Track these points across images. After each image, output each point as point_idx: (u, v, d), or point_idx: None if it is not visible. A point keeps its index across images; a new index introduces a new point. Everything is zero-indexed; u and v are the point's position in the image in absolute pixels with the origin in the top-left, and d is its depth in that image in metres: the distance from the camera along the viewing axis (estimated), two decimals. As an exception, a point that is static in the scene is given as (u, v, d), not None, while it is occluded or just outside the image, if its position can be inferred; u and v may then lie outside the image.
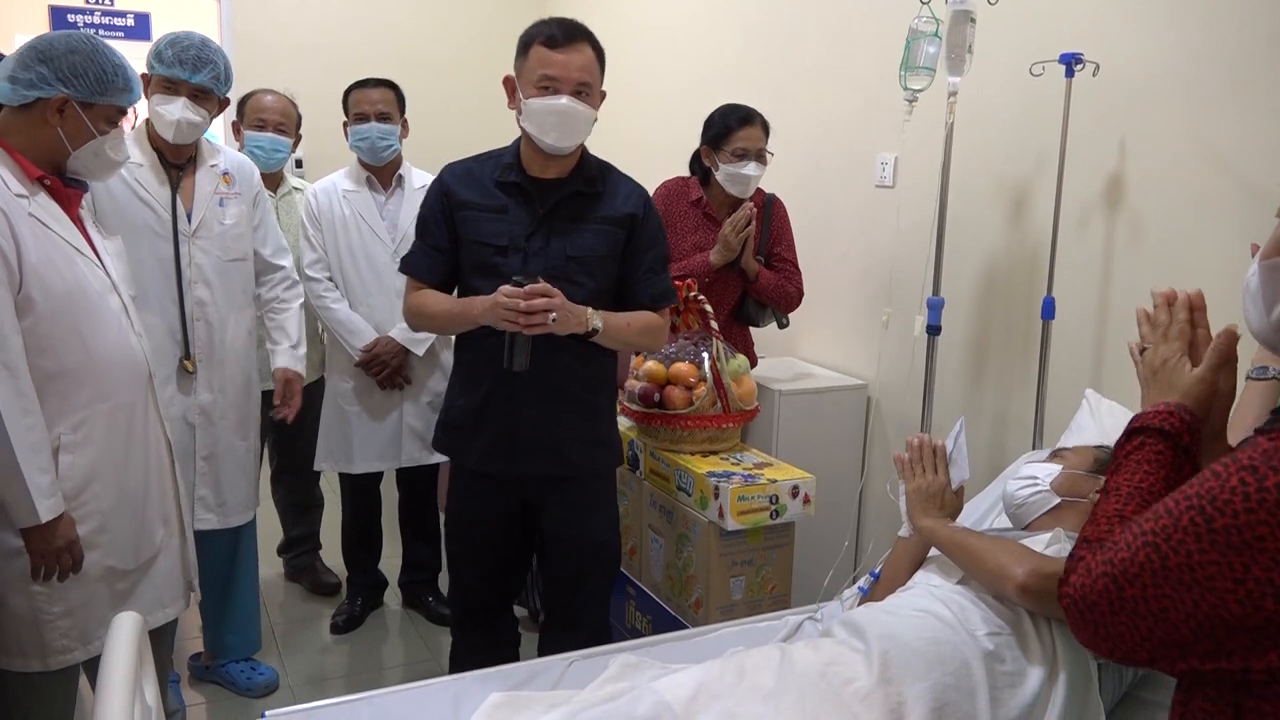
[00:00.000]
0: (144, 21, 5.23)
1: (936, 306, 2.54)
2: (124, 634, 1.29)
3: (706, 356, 2.50)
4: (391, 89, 2.89)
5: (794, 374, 3.12)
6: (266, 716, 1.60)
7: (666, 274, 2.14)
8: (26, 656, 1.82)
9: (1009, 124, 2.59)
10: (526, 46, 1.94)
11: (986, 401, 2.72)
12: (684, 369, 2.50)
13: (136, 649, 1.27)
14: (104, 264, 1.88)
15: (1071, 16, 2.40)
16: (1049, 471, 1.75)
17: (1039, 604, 1.45)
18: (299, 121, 3.10)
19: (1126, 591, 0.92)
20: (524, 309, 1.85)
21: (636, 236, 2.05)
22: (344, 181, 2.89)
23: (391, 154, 2.87)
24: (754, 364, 2.88)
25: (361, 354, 2.81)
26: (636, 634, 2.54)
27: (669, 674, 1.52)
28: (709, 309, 2.53)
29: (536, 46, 1.92)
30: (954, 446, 1.78)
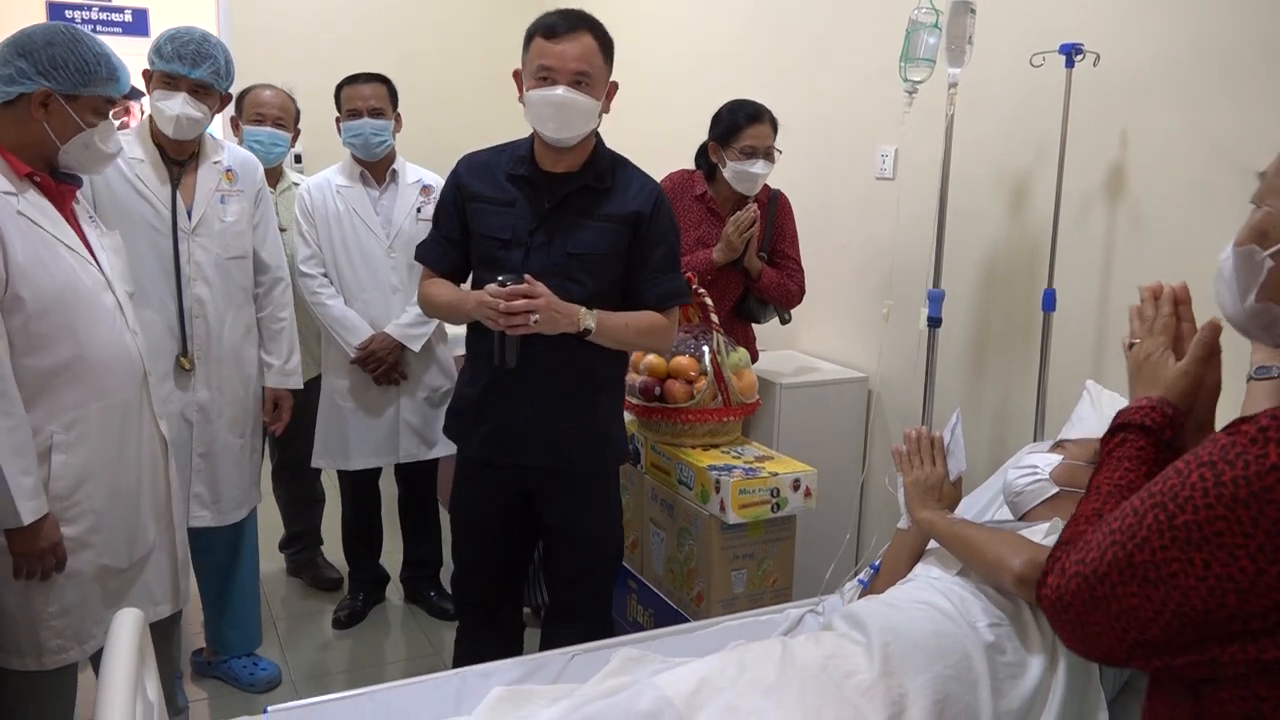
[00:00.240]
0: (141, 17, 5.22)
1: (937, 299, 2.54)
2: (125, 630, 1.29)
3: (707, 350, 2.50)
4: (384, 83, 2.87)
5: (795, 367, 3.11)
6: (269, 712, 1.60)
7: (677, 273, 2.10)
8: (23, 656, 1.82)
9: (1009, 115, 2.58)
10: (529, 39, 1.94)
11: (987, 393, 2.72)
12: (684, 363, 2.50)
13: (138, 645, 1.27)
14: (98, 261, 1.86)
15: (1071, 7, 2.39)
16: (1049, 461, 1.76)
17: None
18: (298, 116, 3.09)
19: (1098, 591, 0.92)
20: (503, 310, 1.86)
21: (643, 235, 2.02)
22: (337, 177, 2.88)
23: (385, 149, 2.85)
24: (755, 360, 2.87)
25: (357, 351, 2.80)
26: (638, 627, 2.54)
27: (670, 668, 1.52)
28: (709, 302, 2.52)
29: (536, 38, 1.92)
30: (951, 439, 1.78)
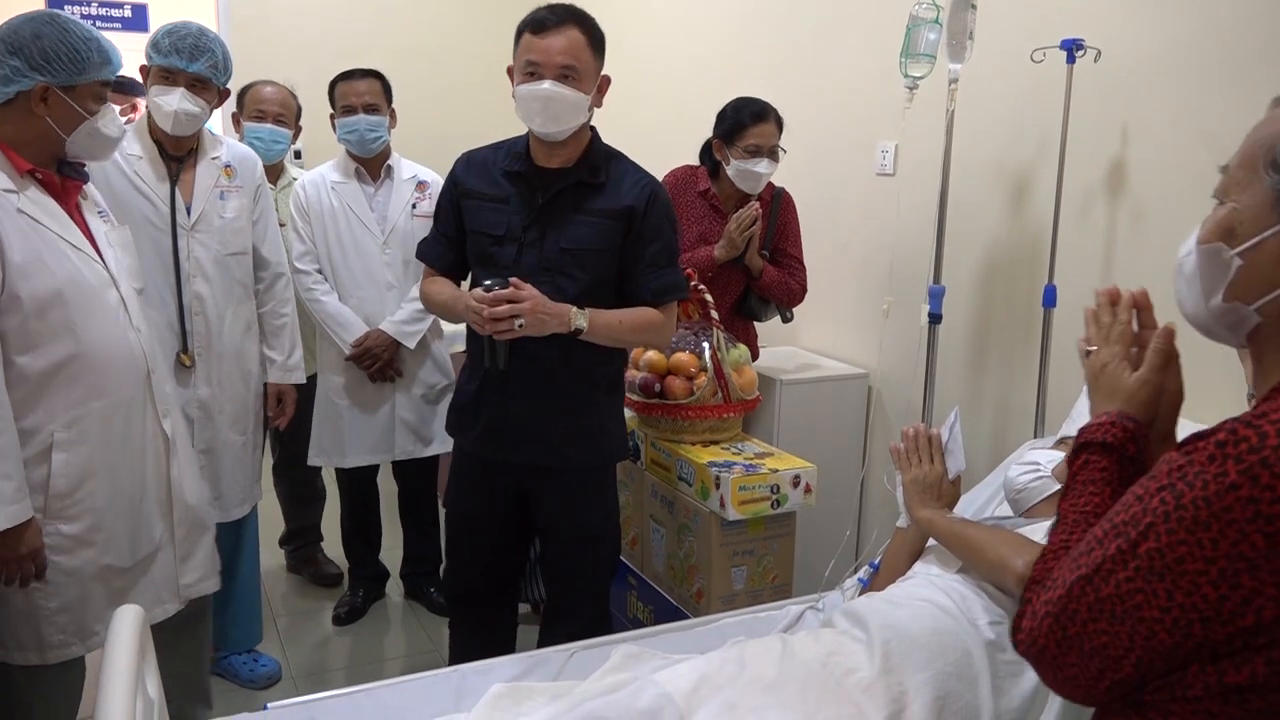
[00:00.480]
0: (141, 13, 5.20)
1: (938, 295, 2.53)
2: (125, 627, 1.29)
3: (707, 346, 2.50)
4: (378, 79, 2.85)
5: (795, 363, 3.11)
6: (269, 708, 1.60)
7: (674, 268, 2.08)
8: (25, 650, 1.82)
9: (1010, 111, 2.57)
10: (519, 35, 1.95)
11: (988, 390, 2.71)
12: (685, 359, 2.50)
13: (138, 642, 1.27)
14: (104, 257, 1.85)
15: (1072, 3, 2.38)
16: (1051, 458, 1.75)
17: None
18: (299, 112, 3.08)
19: (1070, 630, 0.87)
20: (487, 316, 1.86)
21: (637, 230, 2.00)
22: (332, 173, 2.86)
23: (380, 145, 2.83)
24: (757, 358, 2.87)
25: (352, 348, 2.79)
26: (638, 624, 2.54)
27: (670, 665, 1.52)
28: (709, 298, 2.52)
29: (525, 34, 1.93)
30: (949, 436, 1.77)
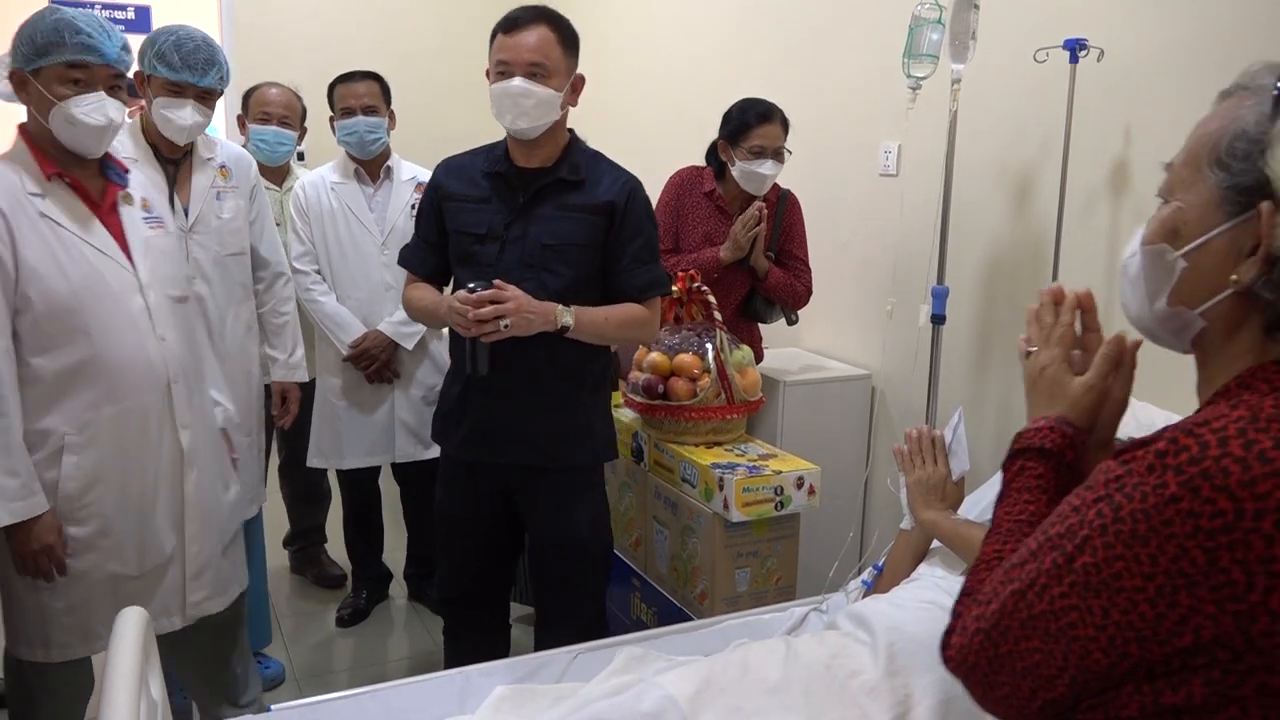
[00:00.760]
0: (144, 14, 5.20)
1: (941, 295, 2.53)
2: (129, 629, 1.29)
3: (710, 348, 2.49)
4: (377, 81, 2.86)
5: (798, 365, 3.11)
6: (273, 710, 1.60)
7: (656, 264, 2.09)
8: (34, 647, 1.84)
9: (1013, 111, 2.57)
10: (493, 37, 1.99)
11: (991, 390, 2.71)
12: (688, 360, 2.49)
13: (142, 644, 1.27)
14: (134, 263, 1.83)
15: (1075, 2, 2.38)
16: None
17: None
18: (304, 114, 3.08)
19: (1001, 648, 0.83)
20: (471, 317, 1.86)
21: (618, 226, 2.02)
22: (331, 174, 2.87)
23: (380, 147, 2.84)
24: (760, 360, 2.86)
25: (349, 349, 2.79)
26: (641, 626, 2.54)
27: (674, 667, 1.52)
28: (712, 300, 2.52)
29: (498, 34, 1.97)
30: (953, 437, 1.76)
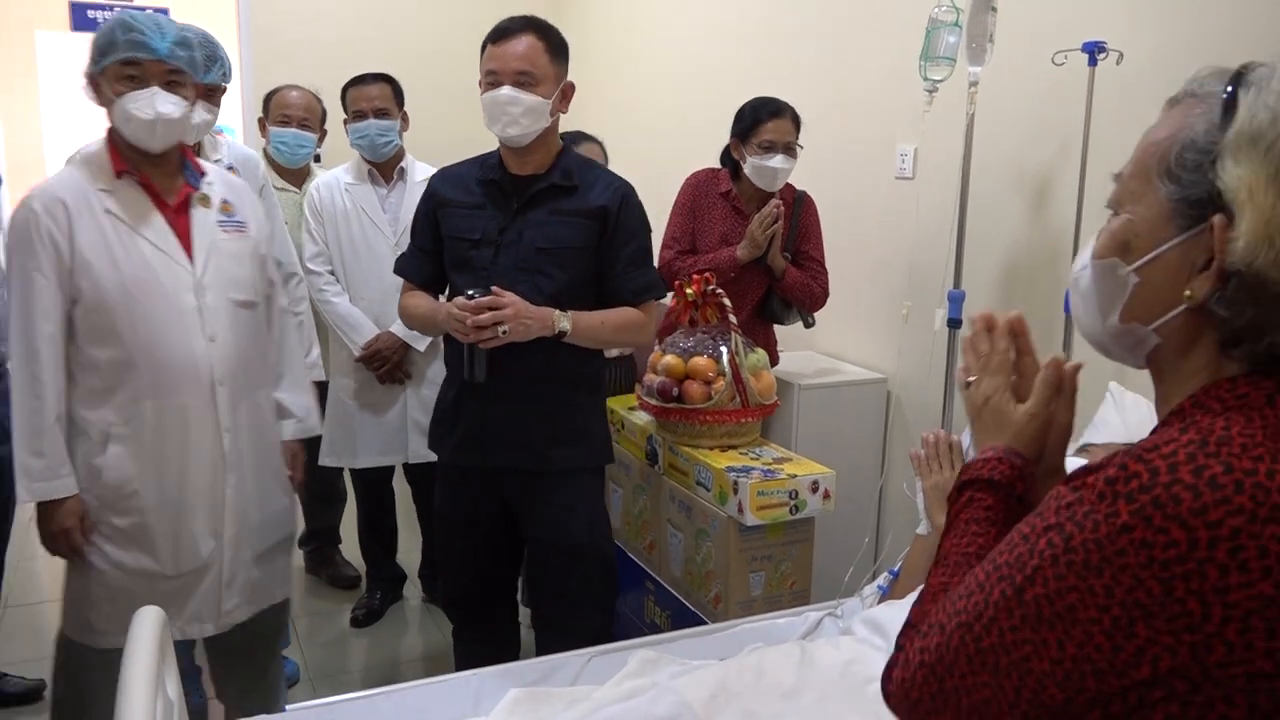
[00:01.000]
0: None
1: (957, 299, 2.52)
2: (146, 628, 1.30)
3: (725, 351, 2.49)
4: (389, 84, 2.87)
5: (814, 368, 3.10)
6: (288, 710, 1.61)
7: (650, 268, 2.12)
8: (79, 630, 1.88)
9: (1031, 114, 2.55)
10: (483, 47, 2.00)
11: (1008, 395, 2.69)
12: (702, 363, 2.49)
13: (159, 643, 1.29)
14: (194, 262, 1.85)
15: (1094, 5, 2.36)
16: (1072, 464, 1.73)
17: None
18: (324, 117, 3.10)
19: (947, 683, 0.79)
20: (470, 324, 1.87)
21: (612, 231, 2.04)
22: (346, 175, 2.89)
23: (392, 149, 2.85)
24: (775, 363, 2.86)
25: (361, 350, 2.81)
26: (655, 629, 2.53)
27: (688, 671, 1.52)
28: (727, 303, 2.51)
29: (488, 45, 1.99)
30: (970, 443, 1.76)
